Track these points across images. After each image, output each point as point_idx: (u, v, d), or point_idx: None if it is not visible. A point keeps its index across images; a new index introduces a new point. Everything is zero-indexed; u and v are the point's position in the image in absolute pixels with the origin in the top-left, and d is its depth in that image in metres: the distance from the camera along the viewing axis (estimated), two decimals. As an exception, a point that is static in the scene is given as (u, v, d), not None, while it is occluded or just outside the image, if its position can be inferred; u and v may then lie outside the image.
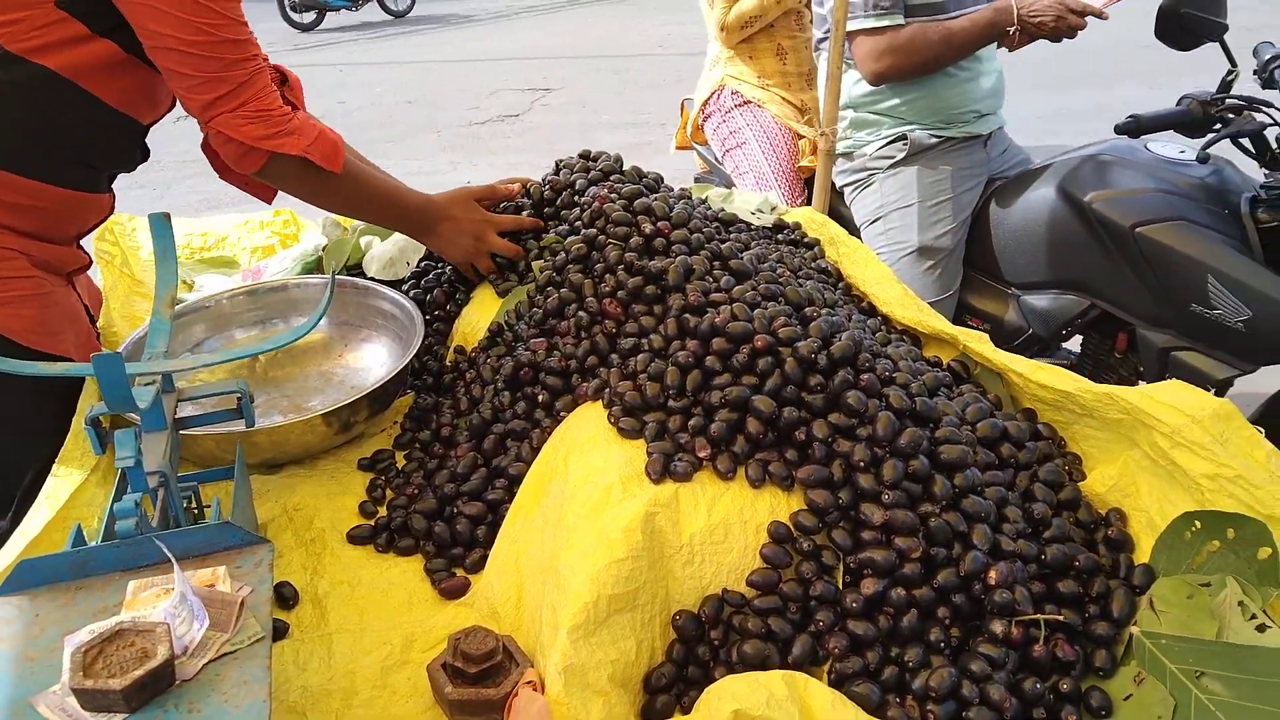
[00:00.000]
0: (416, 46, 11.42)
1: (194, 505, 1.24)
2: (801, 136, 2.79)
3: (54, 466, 1.27)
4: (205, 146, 1.51)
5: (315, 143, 1.43)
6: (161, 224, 1.32)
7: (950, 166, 2.49)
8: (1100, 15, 2.35)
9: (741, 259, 1.40)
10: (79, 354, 1.44)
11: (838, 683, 0.99)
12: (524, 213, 1.72)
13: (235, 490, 1.15)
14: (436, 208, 1.64)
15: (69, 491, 1.24)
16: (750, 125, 2.81)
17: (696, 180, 2.97)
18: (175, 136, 1.57)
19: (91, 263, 1.61)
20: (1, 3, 1.28)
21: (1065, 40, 2.34)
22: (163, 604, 0.89)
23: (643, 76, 9.07)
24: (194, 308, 1.65)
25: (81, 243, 1.57)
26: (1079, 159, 2.37)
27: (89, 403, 1.35)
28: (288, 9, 13.11)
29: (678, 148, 3.16)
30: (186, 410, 1.22)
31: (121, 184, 1.59)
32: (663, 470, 1.11)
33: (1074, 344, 2.59)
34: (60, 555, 0.95)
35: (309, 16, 13.36)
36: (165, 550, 0.86)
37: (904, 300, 1.61)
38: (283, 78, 1.60)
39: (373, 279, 1.82)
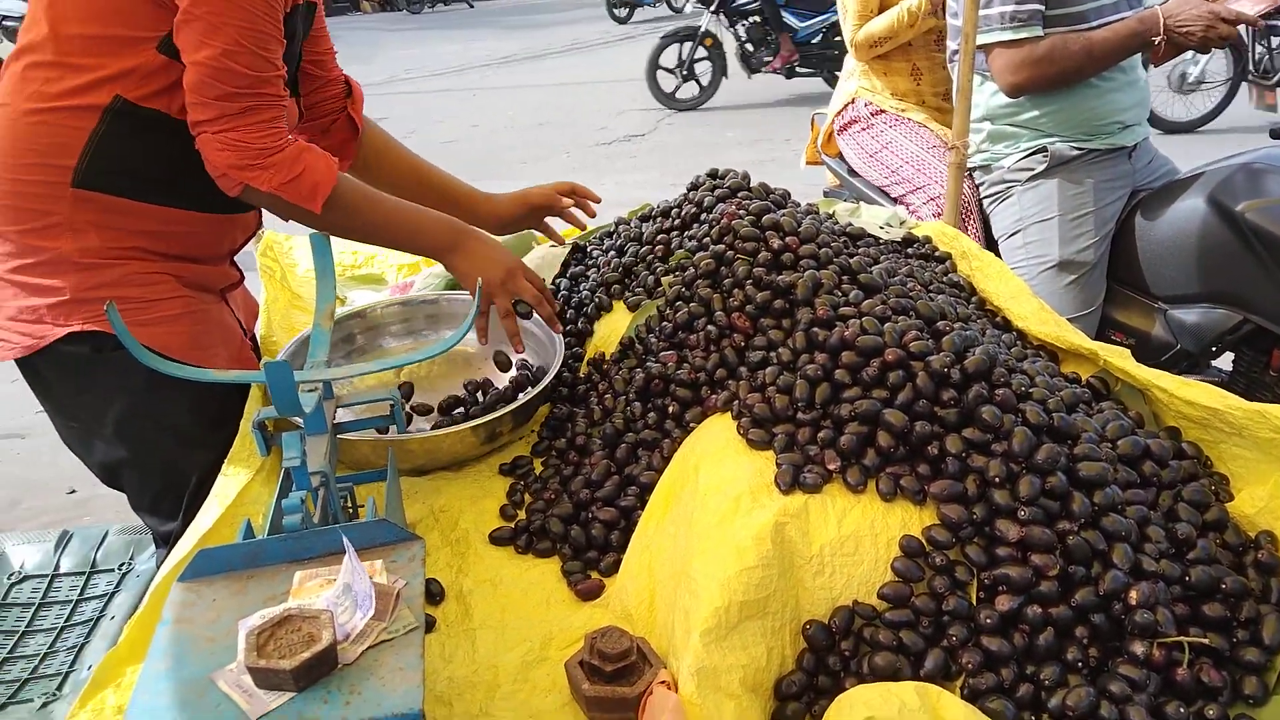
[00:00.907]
0: (543, 70, 11.72)
1: (349, 504, 1.32)
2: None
3: (224, 466, 1.37)
4: None
5: (293, 181, 1.40)
6: (322, 242, 1.41)
7: (1093, 179, 2.41)
8: (1254, 24, 2.24)
9: (871, 273, 1.39)
10: (231, 365, 1.54)
11: (971, 698, 0.98)
12: (644, 229, 1.76)
13: (388, 491, 1.22)
14: (458, 233, 1.57)
15: (237, 490, 1.33)
16: (895, 128, 2.77)
17: (825, 195, 2.95)
18: None
19: (243, 278, 1.72)
20: (116, 53, 1.36)
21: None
22: (326, 593, 0.95)
23: (767, 93, 9.05)
24: (352, 315, 1.74)
25: (236, 260, 1.69)
26: (1231, 168, 2.25)
27: (254, 408, 1.45)
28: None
29: (808, 162, 3.14)
30: (343, 416, 1.30)
31: None
32: (792, 481, 1.11)
33: (1225, 361, 2.45)
34: (234, 546, 1.03)
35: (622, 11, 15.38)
36: (346, 541, 0.92)
37: (1040, 315, 1.57)
38: (347, 90, 1.65)
39: None
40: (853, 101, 2.87)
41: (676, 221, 1.75)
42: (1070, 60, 2.26)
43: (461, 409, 1.61)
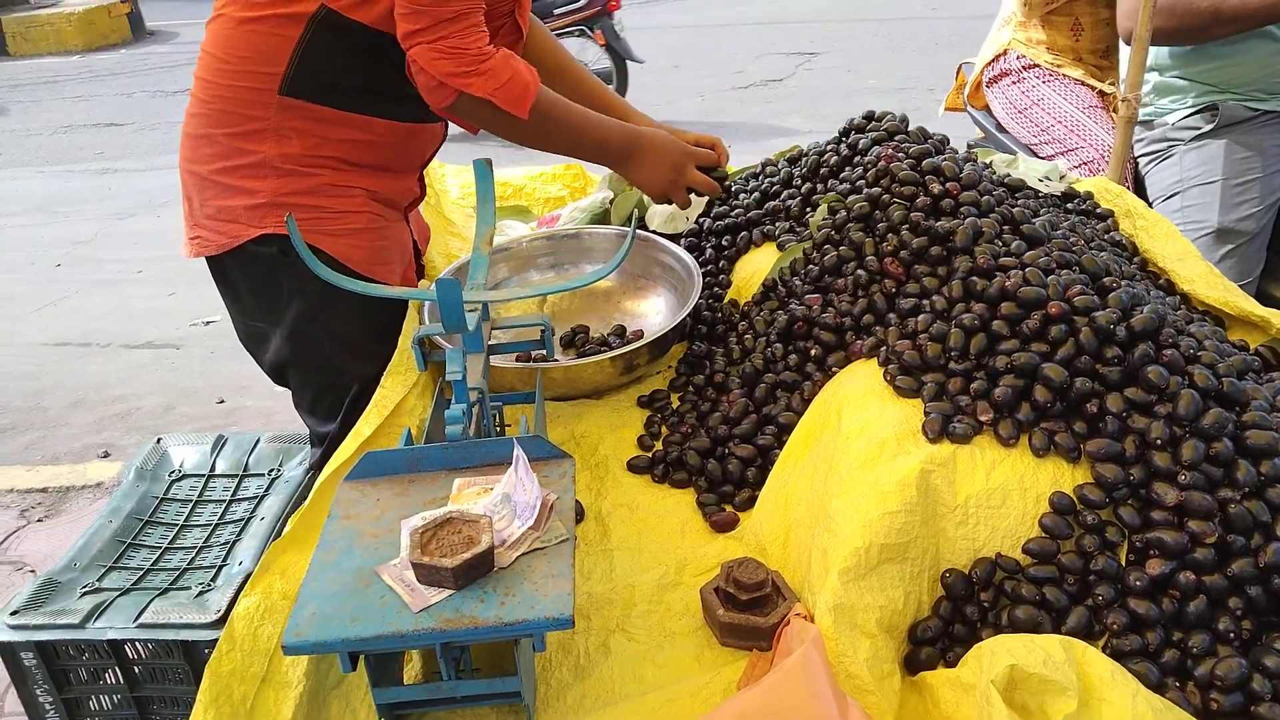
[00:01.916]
0: (684, 10, 11.57)
1: (499, 422, 1.37)
2: (1105, 99, 2.60)
3: (383, 379, 1.44)
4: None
5: (504, 86, 1.45)
6: (484, 169, 1.46)
7: (1264, 143, 2.26)
8: None
9: (1034, 224, 1.36)
10: (403, 283, 1.61)
11: (1114, 659, 0.97)
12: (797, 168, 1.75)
13: (535, 412, 1.27)
14: (637, 139, 1.65)
15: (395, 401, 1.40)
16: (1048, 84, 2.65)
17: (970, 146, 2.85)
18: None
19: (424, 195, 1.79)
20: None
21: None
22: (483, 500, 1.01)
23: (911, 40, 8.74)
24: (499, 249, 1.80)
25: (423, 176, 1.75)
26: None
27: (413, 326, 1.52)
28: None
29: (947, 108, 3.04)
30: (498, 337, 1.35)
31: None
32: (941, 430, 1.11)
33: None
34: (398, 451, 1.09)
35: None
36: (519, 452, 0.97)
37: (1209, 278, 1.51)
38: (518, 31, 1.67)
39: (655, 232, 1.91)
40: (1005, 53, 2.74)
41: (829, 164, 1.73)
42: (1193, 18, 2.12)
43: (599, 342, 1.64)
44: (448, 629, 0.88)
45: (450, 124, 1.69)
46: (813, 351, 1.40)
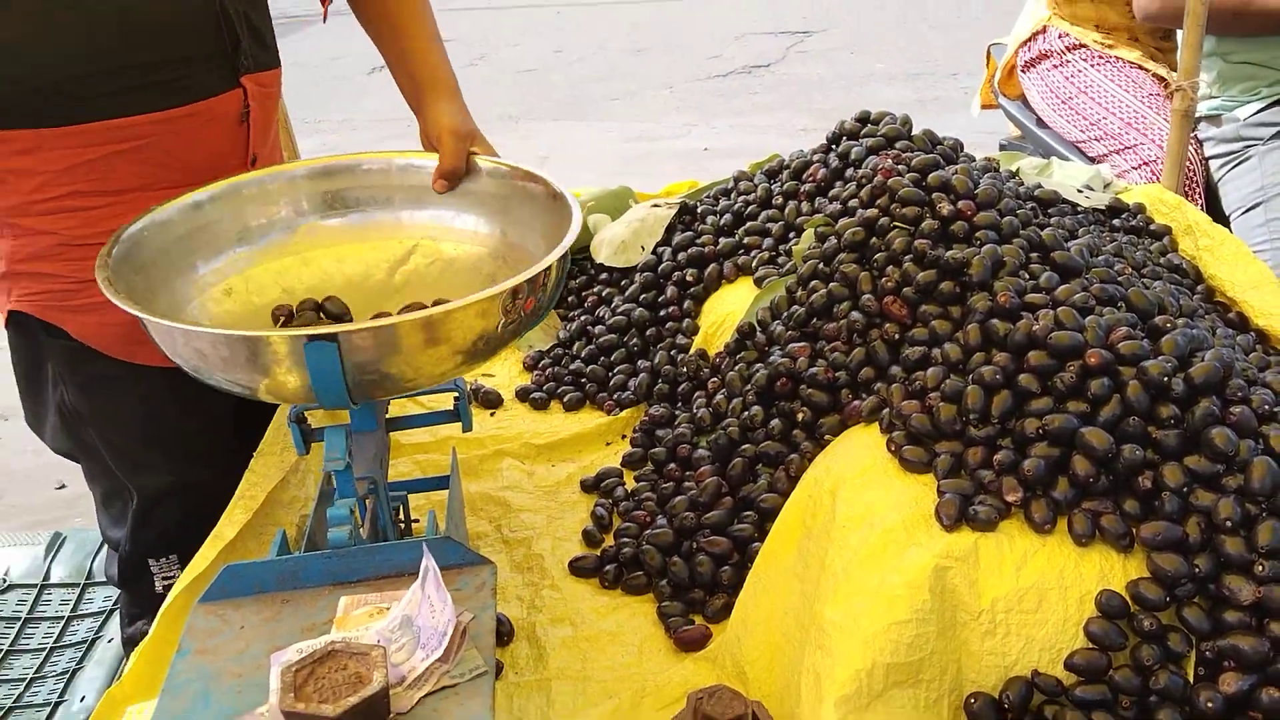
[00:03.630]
0: (647, -19, 11.76)
1: (400, 517, 1.35)
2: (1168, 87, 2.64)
3: (252, 462, 1.43)
4: None
5: None
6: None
7: (1360, 138, 2.31)
8: None
9: (1068, 250, 1.37)
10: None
11: (1183, 803, 0.96)
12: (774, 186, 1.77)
13: (449, 502, 1.25)
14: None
15: (265, 492, 1.39)
16: (1098, 68, 2.69)
17: (1003, 147, 2.90)
18: (367, 92, 1.67)
19: None
20: None
21: None
22: (376, 624, 0.99)
23: (930, 15, 8.90)
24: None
25: None
26: None
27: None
28: None
29: (983, 106, 3.09)
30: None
31: (314, 144, 1.70)
32: (958, 515, 1.10)
33: None
34: (267, 563, 1.07)
35: None
36: (429, 562, 0.95)
37: (1289, 311, 1.53)
38: None
39: (602, 265, 1.91)
40: (1043, 30, 2.79)
41: (814, 179, 1.75)
42: (1216, 14, 2.20)
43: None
44: (328, 798, 0.85)
45: (251, 102, 1.51)
46: (800, 415, 1.40)
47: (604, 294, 1.91)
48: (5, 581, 2.15)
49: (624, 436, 1.65)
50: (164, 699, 0.97)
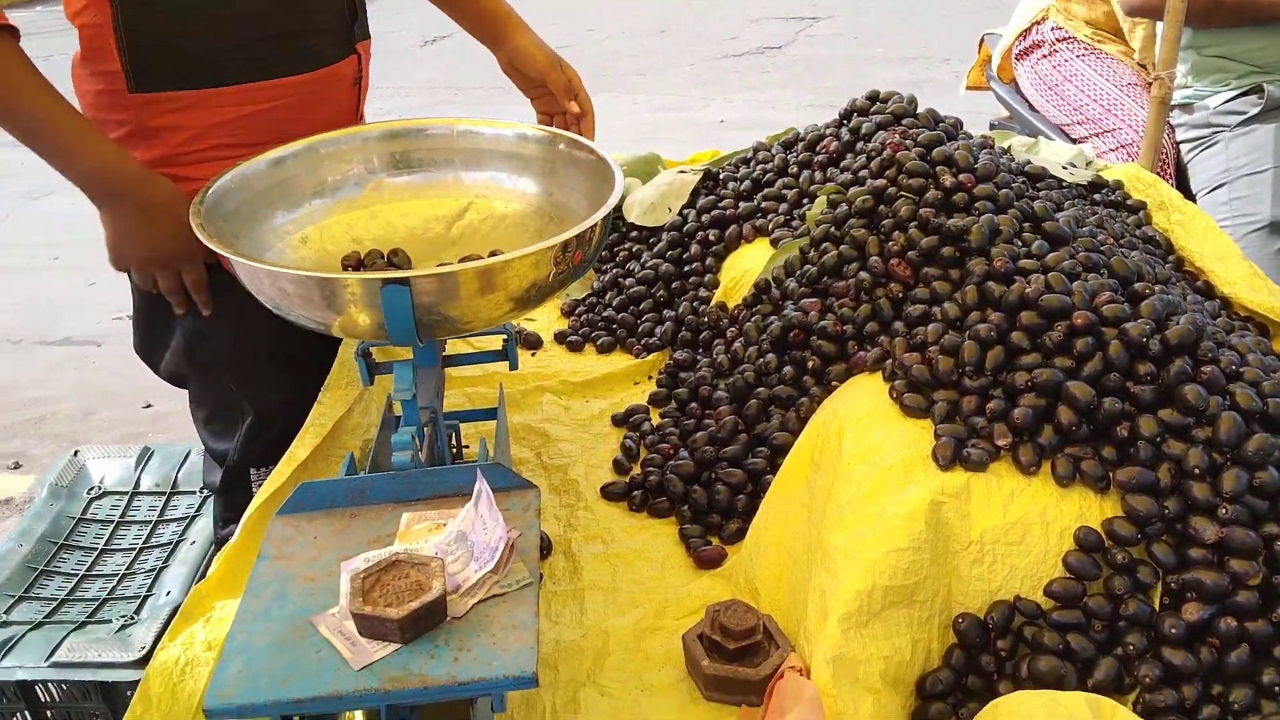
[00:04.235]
0: (671, -32, 11.56)
1: (453, 445, 1.35)
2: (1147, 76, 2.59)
3: (321, 393, 1.42)
4: None
5: None
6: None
7: (1318, 127, 2.27)
8: None
9: (1057, 221, 1.34)
10: None
11: (1146, 715, 0.96)
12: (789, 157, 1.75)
13: (497, 432, 1.25)
14: (129, 188, 1.39)
15: (334, 418, 1.38)
16: (1083, 59, 2.64)
17: (993, 127, 2.85)
18: (420, 63, 1.66)
19: None
20: None
21: None
22: (434, 539, 0.98)
23: (926, 4, 8.74)
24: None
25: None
26: None
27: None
28: None
29: (969, 87, 3.04)
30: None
31: (372, 109, 1.66)
32: (953, 456, 1.09)
33: None
34: (338, 482, 1.07)
35: None
36: (482, 486, 0.94)
37: (1252, 281, 1.50)
38: None
39: (633, 224, 1.89)
40: (1041, 21, 2.73)
41: (827, 150, 1.72)
42: (1196, 3, 2.14)
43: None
44: (393, 689, 0.85)
45: (361, 67, 1.58)
46: (810, 363, 1.38)
47: (634, 250, 1.88)
48: (101, 489, 2.15)
49: (650, 378, 1.64)
50: (246, 598, 0.97)
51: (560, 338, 1.77)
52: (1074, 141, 2.60)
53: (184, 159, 1.44)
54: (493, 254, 1.25)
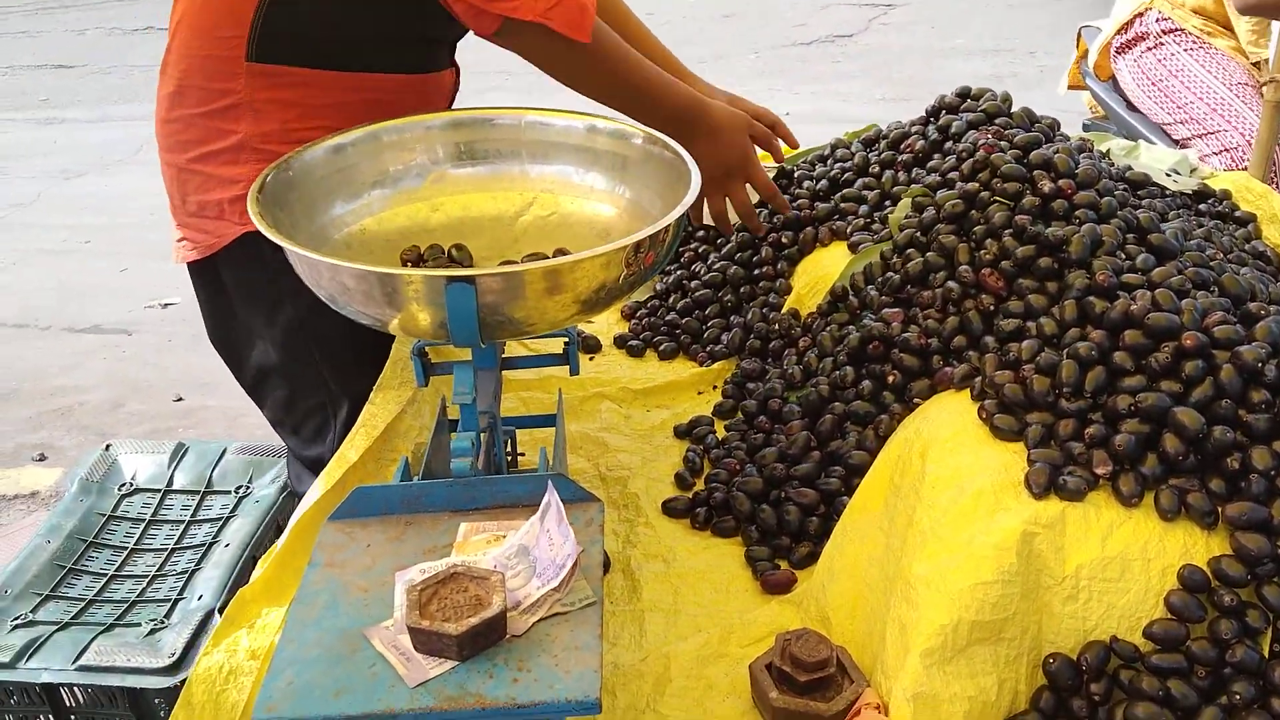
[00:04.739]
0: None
1: (509, 451, 1.37)
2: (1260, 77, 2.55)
3: (373, 393, 1.44)
4: None
5: (557, 6, 1.41)
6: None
7: None
8: None
9: (1164, 233, 1.33)
10: None
11: (1252, 771, 0.95)
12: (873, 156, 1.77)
13: (556, 440, 1.26)
14: (703, 106, 1.62)
15: (385, 421, 1.40)
16: (1191, 53, 2.60)
17: (1086, 127, 2.82)
18: (467, 44, 1.68)
19: None
20: None
21: None
22: (493, 551, 1.00)
23: (1010, -9, 8.67)
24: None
25: None
26: None
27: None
28: None
29: (1070, 86, 3.01)
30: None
31: None
32: (1048, 484, 1.09)
33: None
34: (394, 487, 1.08)
35: None
36: (553, 498, 0.96)
37: (1375, 303, 1.47)
38: None
39: (700, 224, 1.89)
40: (1144, 13, 2.70)
41: (912, 150, 1.71)
42: None
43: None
44: (449, 709, 0.87)
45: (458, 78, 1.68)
46: (891, 378, 1.38)
47: (700, 251, 1.89)
48: (133, 485, 2.19)
49: (715, 387, 1.64)
50: (296, 606, 0.99)
51: (620, 342, 1.77)
52: (1175, 143, 2.57)
53: (288, 136, 1.49)
54: (558, 253, 1.27)
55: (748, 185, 1.68)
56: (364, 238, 1.33)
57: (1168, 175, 1.78)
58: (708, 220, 1.77)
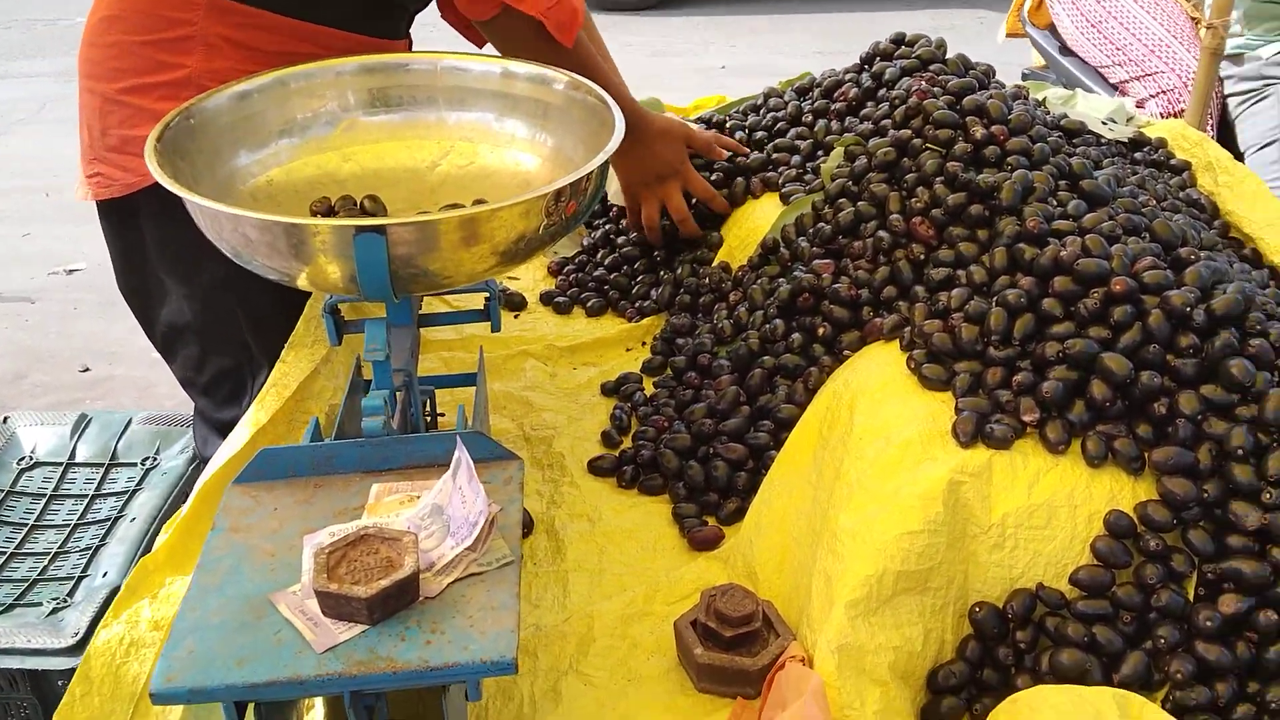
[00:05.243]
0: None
1: (428, 412, 1.36)
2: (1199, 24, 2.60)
3: (283, 352, 1.43)
4: None
5: (556, 6, 1.49)
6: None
7: (1380, 78, 2.28)
8: None
9: (1096, 179, 1.35)
10: None
11: (1176, 713, 0.98)
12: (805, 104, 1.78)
13: (476, 399, 1.26)
14: (644, 121, 1.69)
15: (297, 381, 1.39)
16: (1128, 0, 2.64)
17: (1025, 77, 2.86)
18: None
19: None
20: None
21: None
22: (406, 512, 0.99)
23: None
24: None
25: None
26: None
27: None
28: None
29: (1008, 34, 3.05)
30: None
31: None
32: (975, 432, 1.11)
33: None
34: (303, 448, 1.07)
35: None
36: (462, 454, 0.95)
37: (1305, 250, 1.52)
38: None
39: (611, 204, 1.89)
40: None
41: (845, 98, 1.72)
42: None
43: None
44: (359, 674, 0.86)
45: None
46: (821, 330, 1.39)
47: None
48: (32, 459, 2.16)
49: (644, 344, 1.65)
50: (199, 573, 0.98)
51: (547, 299, 1.77)
52: (1113, 87, 2.62)
53: (234, 73, 1.44)
54: (477, 204, 1.26)
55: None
56: (271, 190, 1.31)
57: (1104, 123, 1.81)
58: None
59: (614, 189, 1.88)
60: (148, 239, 1.60)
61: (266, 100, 1.32)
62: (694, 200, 1.76)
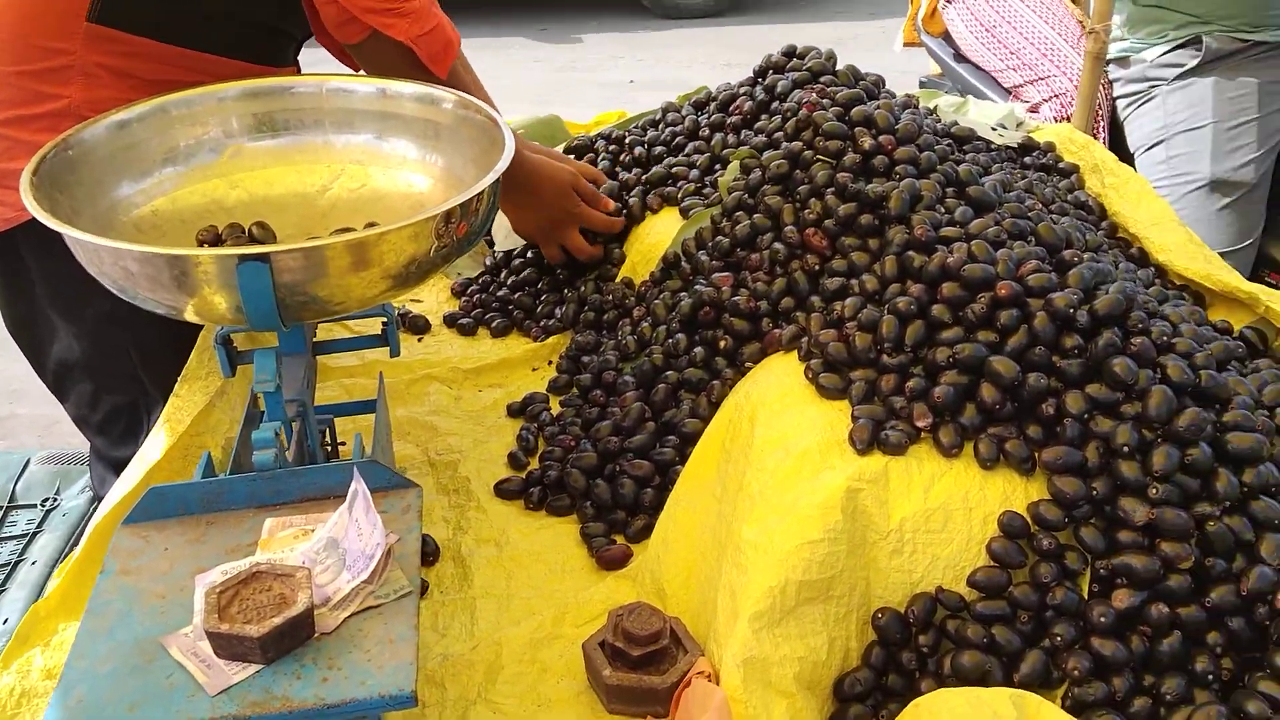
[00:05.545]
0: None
1: (326, 441, 1.34)
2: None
3: (177, 386, 1.39)
4: None
5: (427, 35, 1.48)
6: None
7: (1257, 79, 2.35)
8: None
9: (982, 185, 1.37)
10: None
11: (1075, 710, 0.99)
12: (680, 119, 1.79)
13: (376, 426, 1.24)
14: (536, 177, 1.68)
15: (191, 416, 1.35)
16: (1019, 4, 2.69)
17: (922, 85, 2.90)
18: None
19: None
20: None
21: None
22: (301, 546, 0.97)
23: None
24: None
25: None
26: None
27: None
28: None
29: (906, 43, 3.09)
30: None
31: None
32: (870, 439, 1.11)
33: None
34: (192, 485, 1.05)
35: None
36: (359, 486, 0.93)
37: (1187, 248, 1.56)
38: None
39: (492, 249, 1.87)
40: None
41: (741, 111, 1.73)
42: None
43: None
44: (254, 715, 0.84)
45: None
46: (722, 343, 1.40)
47: (531, 223, 1.88)
48: (-72, 502, 2.08)
49: (550, 363, 1.64)
50: (87, 618, 0.95)
51: (450, 320, 1.75)
52: (1006, 92, 2.67)
53: (113, 103, 1.41)
54: (369, 226, 1.24)
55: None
56: (156, 220, 1.27)
57: (994, 130, 1.84)
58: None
59: (502, 234, 1.86)
60: (32, 272, 1.56)
61: (148, 129, 1.29)
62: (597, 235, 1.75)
